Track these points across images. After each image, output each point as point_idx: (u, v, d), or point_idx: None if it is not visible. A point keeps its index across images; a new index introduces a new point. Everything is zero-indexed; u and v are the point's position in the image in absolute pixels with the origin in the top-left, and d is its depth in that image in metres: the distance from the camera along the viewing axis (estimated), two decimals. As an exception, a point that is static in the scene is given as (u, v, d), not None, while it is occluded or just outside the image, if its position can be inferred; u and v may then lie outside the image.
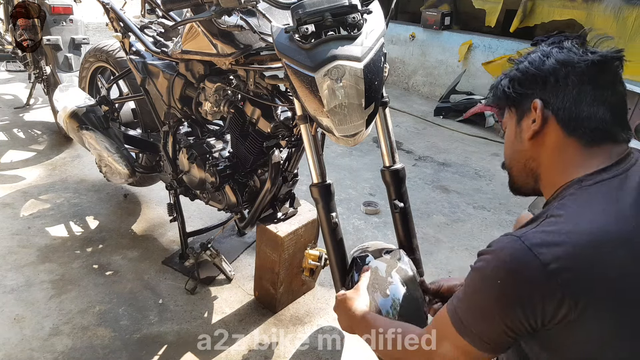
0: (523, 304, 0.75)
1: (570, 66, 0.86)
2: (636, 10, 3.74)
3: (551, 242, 0.74)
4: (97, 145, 2.16)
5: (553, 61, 0.88)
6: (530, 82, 0.90)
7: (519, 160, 0.95)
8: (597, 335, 0.75)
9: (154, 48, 1.91)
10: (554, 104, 0.87)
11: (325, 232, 1.33)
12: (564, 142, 0.86)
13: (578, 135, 0.85)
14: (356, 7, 1.19)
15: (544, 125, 0.87)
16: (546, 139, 0.88)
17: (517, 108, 0.93)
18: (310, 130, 1.32)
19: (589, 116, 0.84)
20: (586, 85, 0.85)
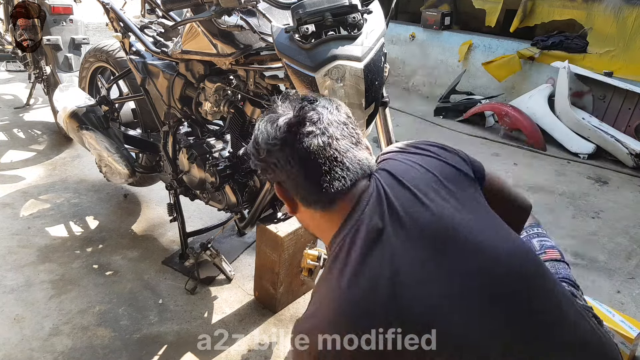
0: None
1: (273, 152, 0.86)
2: (636, 10, 3.74)
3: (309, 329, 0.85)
4: (97, 145, 2.16)
5: (262, 151, 0.88)
6: (264, 172, 0.92)
7: (306, 229, 1.00)
8: None
9: (154, 48, 1.91)
10: (285, 184, 0.90)
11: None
12: (310, 213, 0.90)
13: (314, 206, 0.88)
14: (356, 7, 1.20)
15: (293, 202, 0.92)
16: (301, 213, 0.93)
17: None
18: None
19: (309, 187, 0.86)
20: (293, 160, 0.85)
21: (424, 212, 0.83)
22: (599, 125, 3.78)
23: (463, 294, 0.77)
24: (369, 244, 0.80)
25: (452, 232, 0.82)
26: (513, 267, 0.82)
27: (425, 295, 0.76)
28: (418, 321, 0.75)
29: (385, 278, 0.77)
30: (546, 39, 4.23)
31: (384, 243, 0.80)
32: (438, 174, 0.90)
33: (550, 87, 4.06)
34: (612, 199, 3.09)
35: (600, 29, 3.96)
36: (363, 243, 0.80)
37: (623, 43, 3.84)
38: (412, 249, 0.80)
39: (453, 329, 0.75)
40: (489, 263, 0.80)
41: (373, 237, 0.81)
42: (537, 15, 4.36)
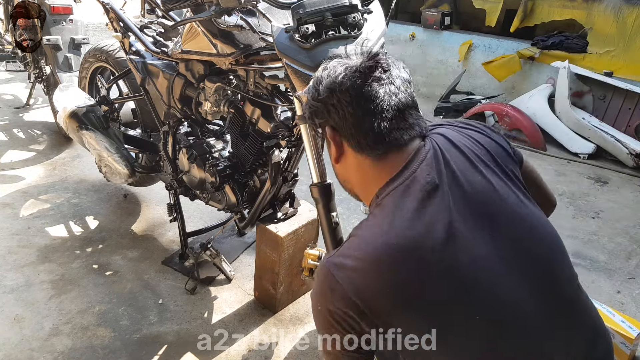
0: (341, 323, 0.81)
1: (337, 90, 0.87)
2: (636, 10, 3.74)
3: (346, 266, 0.80)
4: (97, 145, 2.16)
5: (324, 89, 0.89)
6: (319, 113, 0.92)
7: (340, 181, 1.01)
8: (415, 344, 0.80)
9: (153, 48, 1.91)
10: (340, 128, 0.90)
11: (325, 232, 1.33)
12: (359, 161, 0.90)
13: (366, 153, 0.89)
14: (356, 7, 1.20)
15: (341, 148, 0.92)
16: (347, 160, 0.93)
17: (323, 133, 0.97)
18: (310, 130, 1.32)
19: (367, 132, 0.86)
20: (355, 102, 0.86)
21: (478, 176, 0.86)
22: (599, 125, 3.78)
23: (507, 260, 0.80)
24: (425, 195, 0.82)
25: (501, 202, 0.85)
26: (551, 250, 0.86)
27: (474, 252, 0.79)
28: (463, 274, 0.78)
29: (441, 224, 0.79)
30: (546, 39, 4.23)
31: (440, 196, 0.82)
32: (488, 147, 0.93)
33: (550, 87, 4.06)
34: (612, 199, 3.09)
35: (600, 29, 3.96)
36: (420, 194, 0.82)
37: (623, 43, 3.84)
38: (466, 207, 0.82)
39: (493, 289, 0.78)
40: (532, 239, 0.84)
41: (429, 190, 0.82)
42: (537, 15, 4.36)
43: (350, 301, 0.78)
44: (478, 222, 0.81)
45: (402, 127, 0.87)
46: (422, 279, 0.77)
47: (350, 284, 0.79)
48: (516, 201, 0.86)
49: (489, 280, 0.79)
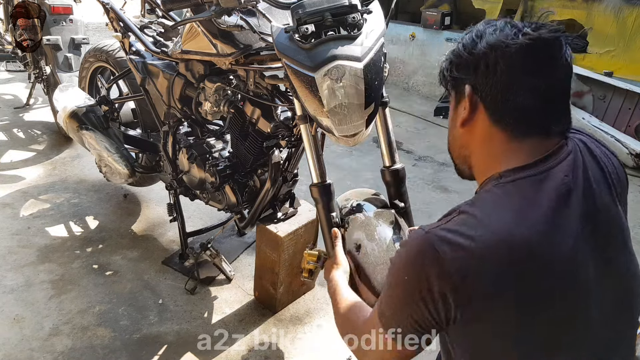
0: (425, 300, 0.75)
1: (500, 50, 0.77)
2: (636, 10, 3.74)
3: (454, 243, 0.73)
4: (97, 145, 2.16)
5: (484, 44, 0.79)
6: (464, 66, 0.82)
7: (455, 146, 0.91)
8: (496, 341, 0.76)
9: (153, 48, 1.91)
10: (482, 90, 0.80)
11: (325, 232, 1.33)
12: (490, 132, 0.81)
13: (503, 126, 0.80)
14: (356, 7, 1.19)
15: (474, 112, 0.82)
16: (475, 127, 0.83)
17: (456, 92, 0.87)
18: (310, 130, 1.32)
19: (515, 106, 0.78)
20: (516, 71, 0.77)
21: (608, 196, 0.81)
22: (599, 125, 3.77)
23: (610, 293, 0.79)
24: (559, 197, 0.76)
25: (620, 232, 0.82)
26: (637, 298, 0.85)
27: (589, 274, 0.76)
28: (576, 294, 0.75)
29: (570, 236, 0.74)
30: (546, 39, 4.23)
31: (574, 204, 0.76)
32: (619, 172, 0.87)
33: (550, 87, 4.06)
34: (612, 199, 3.09)
35: (600, 29, 3.96)
36: (553, 194, 0.75)
37: (623, 43, 3.83)
38: (591, 223, 0.77)
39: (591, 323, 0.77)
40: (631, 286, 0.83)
41: (564, 192, 0.76)
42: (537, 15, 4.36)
43: (447, 278, 0.72)
44: (598, 242, 0.77)
45: (553, 116, 0.79)
46: (536, 282, 0.73)
47: (454, 261, 0.72)
48: (626, 236, 0.83)
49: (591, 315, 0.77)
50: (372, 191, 1.47)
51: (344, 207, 1.38)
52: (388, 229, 1.26)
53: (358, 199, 1.40)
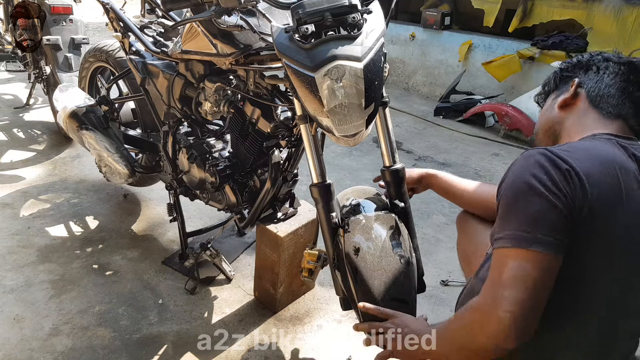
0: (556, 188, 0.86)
1: (610, 61, 1.08)
2: (636, 10, 3.74)
3: (569, 155, 0.89)
4: (96, 145, 2.16)
5: (600, 57, 1.11)
6: (577, 67, 1.13)
7: (546, 125, 1.14)
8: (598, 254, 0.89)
9: (153, 48, 1.91)
10: (588, 85, 1.08)
11: (325, 232, 1.33)
12: (587, 111, 1.06)
13: (600, 108, 1.05)
14: (356, 7, 1.19)
15: (575, 98, 1.09)
16: (574, 107, 1.09)
17: (558, 89, 1.15)
18: (310, 130, 1.32)
19: (613, 96, 1.05)
20: (618, 77, 1.06)
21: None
22: (599, 125, 3.77)
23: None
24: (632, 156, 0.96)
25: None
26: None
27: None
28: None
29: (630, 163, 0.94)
30: (546, 39, 4.23)
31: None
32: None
33: (550, 87, 4.05)
34: (612, 199, 3.08)
35: (600, 29, 3.96)
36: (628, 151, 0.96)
37: (623, 43, 3.83)
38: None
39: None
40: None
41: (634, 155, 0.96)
42: (537, 15, 4.36)
43: (569, 172, 0.87)
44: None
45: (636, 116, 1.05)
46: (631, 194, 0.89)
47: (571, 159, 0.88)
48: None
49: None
50: (373, 190, 1.47)
51: (344, 207, 1.38)
52: (387, 234, 1.27)
53: (358, 197, 1.40)
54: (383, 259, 1.22)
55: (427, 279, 1.48)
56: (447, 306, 2.05)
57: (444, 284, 2.18)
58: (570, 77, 1.12)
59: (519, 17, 4.41)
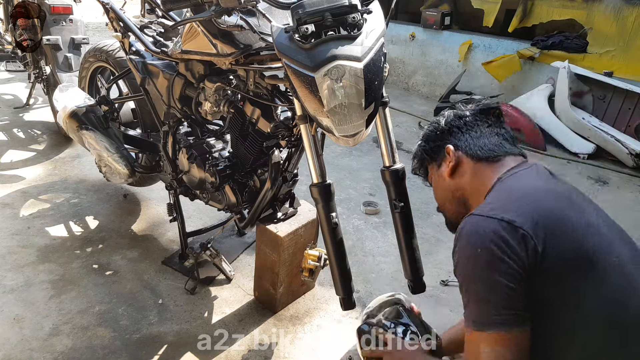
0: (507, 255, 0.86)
1: (463, 117, 1.16)
2: (636, 10, 3.74)
3: (498, 207, 0.93)
4: (96, 145, 2.16)
5: (450, 117, 1.17)
6: (439, 136, 1.18)
7: (448, 195, 1.17)
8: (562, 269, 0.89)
9: (153, 48, 1.91)
10: (461, 145, 1.13)
11: (325, 232, 1.33)
12: (476, 166, 1.11)
13: (484, 158, 1.10)
14: (356, 7, 1.19)
15: (458, 161, 1.13)
16: (462, 170, 1.13)
17: (435, 160, 1.19)
18: (310, 130, 1.32)
19: (487, 143, 1.11)
20: (480, 126, 1.14)
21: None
22: (599, 125, 3.78)
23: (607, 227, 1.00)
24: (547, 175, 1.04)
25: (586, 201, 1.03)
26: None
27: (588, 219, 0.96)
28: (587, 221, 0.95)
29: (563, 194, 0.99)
30: (546, 39, 4.23)
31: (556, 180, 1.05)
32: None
33: (550, 87, 4.06)
34: (612, 199, 3.09)
35: (600, 29, 3.96)
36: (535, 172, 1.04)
37: (623, 43, 3.83)
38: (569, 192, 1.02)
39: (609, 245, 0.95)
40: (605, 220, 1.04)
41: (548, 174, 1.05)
42: (537, 15, 4.36)
43: (508, 227, 0.87)
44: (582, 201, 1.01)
45: (511, 143, 1.13)
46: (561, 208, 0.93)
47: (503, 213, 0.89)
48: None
49: (603, 236, 0.95)
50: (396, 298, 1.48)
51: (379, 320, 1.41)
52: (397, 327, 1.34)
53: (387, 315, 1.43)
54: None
55: (427, 279, 1.48)
56: (446, 306, 2.05)
57: (444, 284, 2.18)
58: (439, 147, 1.17)
59: (519, 17, 4.40)
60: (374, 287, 2.15)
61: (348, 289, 1.36)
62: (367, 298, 2.05)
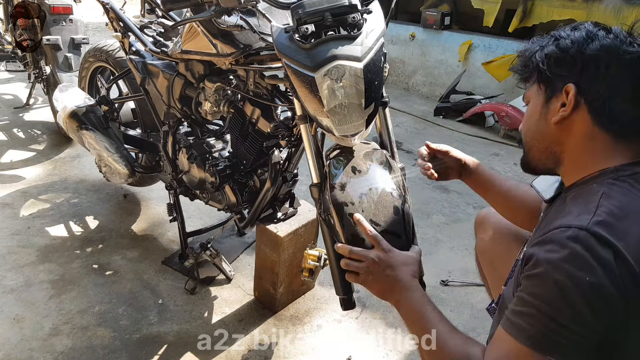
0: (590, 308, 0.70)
1: (615, 55, 0.80)
2: (636, 10, 3.74)
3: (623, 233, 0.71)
4: (96, 145, 2.16)
5: (597, 46, 0.81)
6: (568, 63, 0.84)
7: (541, 142, 0.92)
8: None
9: (153, 48, 1.91)
10: (588, 91, 0.82)
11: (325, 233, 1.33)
12: (593, 132, 0.84)
13: (606, 128, 0.82)
14: (356, 7, 1.19)
15: (574, 112, 0.84)
16: (574, 126, 0.85)
17: (548, 86, 0.88)
18: (310, 130, 1.32)
19: (623, 111, 0.81)
20: (626, 79, 0.80)
21: None
22: (599, 125, 3.77)
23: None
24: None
25: None
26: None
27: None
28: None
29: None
30: (547, 38, 4.22)
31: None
32: None
33: (550, 87, 4.05)
34: (612, 199, 3.08)
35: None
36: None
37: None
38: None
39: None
40: None
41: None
42: (537, 15, 4.36)
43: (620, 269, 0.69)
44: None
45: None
46: None
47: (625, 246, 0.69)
48: None
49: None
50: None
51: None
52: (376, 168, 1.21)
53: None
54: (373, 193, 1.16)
55: (427, 279, 1.48)
56: (447, 306, 2.05)
57: (444, 284, 2.18)
58: (561, 77, 0.85)
59: (519, 17, 4.40)
60: (374, 287, 2.15)
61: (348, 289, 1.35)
62: (367, 298, 2.05)
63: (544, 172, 0.97)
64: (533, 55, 0.90)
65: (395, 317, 1.97)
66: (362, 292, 2.11)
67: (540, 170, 0.97)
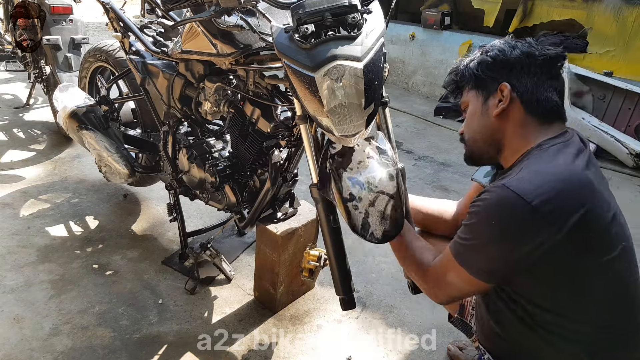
0: (517, 238, 0.93)
1: (532, 58, 1.06)
2: (636, 10, 3.74)
3: (530, 185, 0.93)
4: (96, 145, 2.16)
5: (519, 52, 1.07)
6: (498, 67, 1.09)
7: (485, 134, 1.13)
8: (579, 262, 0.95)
9: (153, 48, 1.91)
10: (518, 87, 1.06)
11: (325, 233, 1.33)
12: (525, 118, 1.07)
13: (536, 113, 1.06)
14: (356, 7, 1.19)
15: (510, 105, 1.07)
16: (510, 115, 1.08)
17: (484, 89, 1.11)
18: (310, 130, 1.32)
19: (546, 99, 1.06)
20: (543, 74, 1.06)
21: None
22: (599, 125, 3.78)
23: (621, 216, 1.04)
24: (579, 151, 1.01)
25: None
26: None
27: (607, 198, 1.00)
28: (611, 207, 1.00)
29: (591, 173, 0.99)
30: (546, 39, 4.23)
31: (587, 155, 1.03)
32: None
33: (550, 87, 4.05)
34: (612, 199, 3.08)
35: (600, 29, 3.96)
36: (574, 150, 1.01)
37: (623, 43, 3.83)
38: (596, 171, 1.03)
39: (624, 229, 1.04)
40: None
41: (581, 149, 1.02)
42: (537, 15, 4.36)
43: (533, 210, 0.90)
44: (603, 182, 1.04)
45: (563, 108, 1.09)
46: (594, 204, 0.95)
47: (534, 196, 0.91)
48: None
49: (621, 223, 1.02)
50: None
51: None
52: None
53: None
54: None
55: (427, 279, 1.48)
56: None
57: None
58: (493, 79, 1.09)
59: (519, 17, 4.40)
60: (374, 287, 2.15)
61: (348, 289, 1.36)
62: (367, 298, 2.05)
63: (487, 161, 1.19)
64: (467, 66, 1.15)
65: (395, 317, 1.97)
66: (362, 292, 2.11)
67: (485, 160, 1.19)
